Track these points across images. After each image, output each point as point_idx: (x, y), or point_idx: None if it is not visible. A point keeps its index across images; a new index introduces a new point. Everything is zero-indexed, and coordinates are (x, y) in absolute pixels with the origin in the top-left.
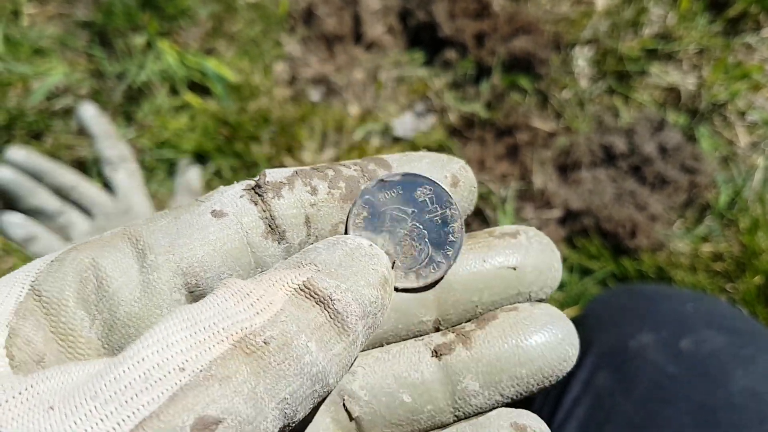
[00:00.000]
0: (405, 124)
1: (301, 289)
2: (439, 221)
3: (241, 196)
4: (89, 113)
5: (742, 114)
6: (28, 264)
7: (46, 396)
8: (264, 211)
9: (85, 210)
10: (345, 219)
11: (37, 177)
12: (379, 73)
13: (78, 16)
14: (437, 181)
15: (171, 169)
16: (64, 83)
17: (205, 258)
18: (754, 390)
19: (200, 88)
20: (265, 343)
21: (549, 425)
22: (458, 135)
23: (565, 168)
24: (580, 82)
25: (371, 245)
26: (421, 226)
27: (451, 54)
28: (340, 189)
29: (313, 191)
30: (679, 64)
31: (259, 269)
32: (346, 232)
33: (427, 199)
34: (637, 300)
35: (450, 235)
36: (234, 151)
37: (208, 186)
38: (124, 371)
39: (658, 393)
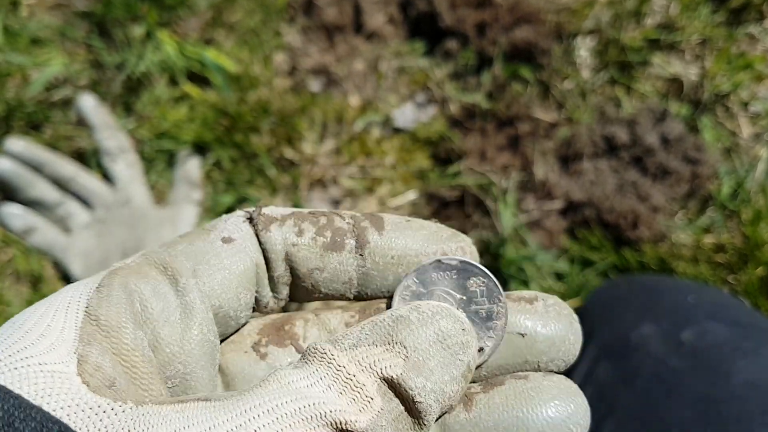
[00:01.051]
0: (405, 114)
1: (390, 384)
2: (484, 315)
3: (243, 222)
4: (88, 104)
5: (745, 105)
6: (68, 288)
7: None
8: (259, 240)
9: (84, 201)
10: (322, 266)
11: (36, 168)
12: (380, 63)
13: (77, 6)
14: (491, 276)
15: (170, 159)
16: (63, 74)
17: (224, 281)
18: (757, 382)
19: (200, 79)
20: None
21: None
22: (459, 126)
23: (567, 159)
24: (582, 73)
25: (464, 329)
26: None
27: (452, 44)
28: (324, 237)
29: (299, 233)
30: (681, 55)
31: (266, 288)
32: (390, 302)
33: (477, 290)
34: (638, 291)
35: (491, 331)
36: (234, 142)
37: (208, 177)
38: None
39: (659, 385)
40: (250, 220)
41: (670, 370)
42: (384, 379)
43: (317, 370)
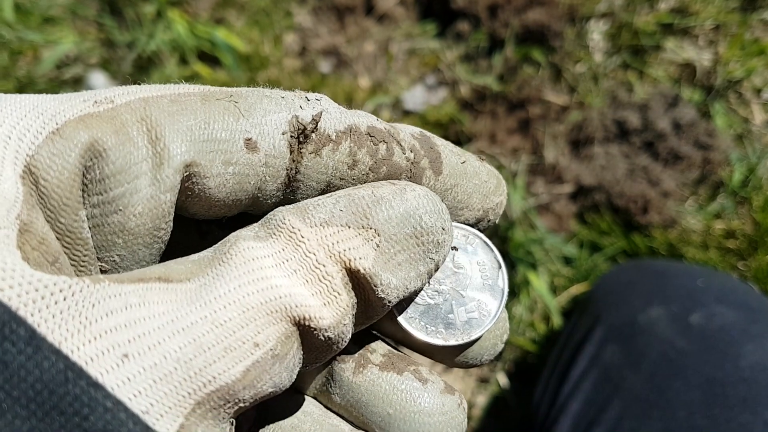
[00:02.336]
0: (415, 97)
1: (357, 277)
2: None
3: (283, 133)
4: (99, 82)
5: (758, 91)
6: (12, 117)
7: (115, 337)
8: (293, 162)
9: None
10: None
11: None
12: (390, 44)
13: None
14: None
15: None
16: (74, 52)
17: (219, 178)
18: (764, 365)
19: (210, 58)
20: (323, 339)
21: (555, 398)
22: (469, 108)
23: (578, 143)
24: (595, 56)
25: (443, 229)
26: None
27: (463, 26)
28: (377, 174)
29: (352, 165)
30: (694, 40)
31: (258, 203)
32: None
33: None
34: (647, 275)
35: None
36: None
37: None
38: (203, 333)
39: (666, 367)
40: (301, 136)
41: (677, 352)
42: (350, 270)
43: (284, 250)
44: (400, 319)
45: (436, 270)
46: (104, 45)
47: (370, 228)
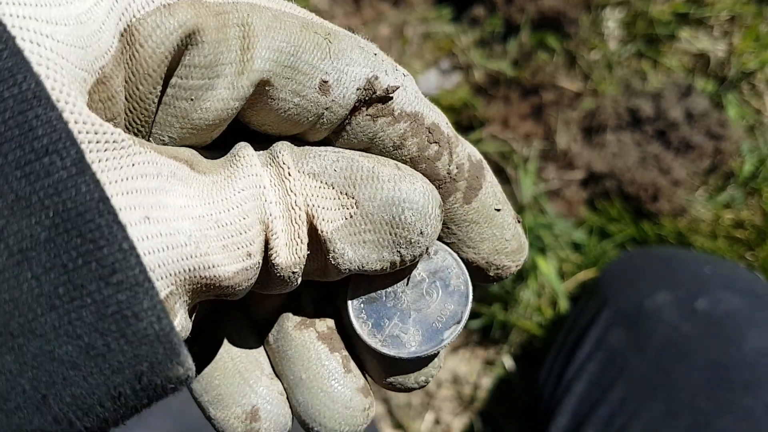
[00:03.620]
0: (429, 81)
1: (316, 236)
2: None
3: (357, 89)
4: None
5: None
6: None
7: (143, 198)
8: (350, 116)
9: None
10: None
11: None
12: (405, 28)
13: None
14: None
15: None
16: None
17: (282, 103)
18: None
19: None
20: (274, 272)
21: (560, 379)
22: (483, 93)
23: (590, 130)
24: (609, 44)
25: (422, 233)
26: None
27: (479, 11)
28: (414, 167)
29: (397, 147)
30: (709, 30)
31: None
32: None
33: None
34: (654, 261)
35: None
36: None
37: None
38: (209, 227)
39: (671, 351)
40: (374, 98)
41: (682, 336)
42: (312, 227)
43: (272, 183)
44: (349, 302)
45: (402, 264)
46: None
47: (352, 197)
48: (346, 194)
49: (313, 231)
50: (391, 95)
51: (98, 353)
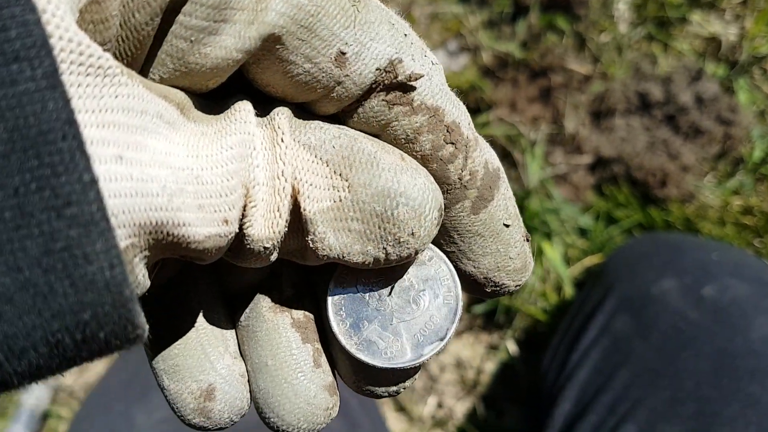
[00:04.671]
0: None
1: (298, 213)
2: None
3: (377, 68)
4: None
5: None
6: None
7: (121, 135)
8: (365, 97)
9: None
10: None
11: None
12: (413, 9)
13: None
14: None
15: None
16: None
17: (292, 67)
18: None
19: None
20: (245, 245)
21: (564, 365)
22: (491, 75)
23: (599, 114)
24: (620, 27)
25: (412, 234)
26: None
27: None
28: (424, 163)
29: (410, 140)
30: (721, 14)
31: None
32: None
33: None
34: (661, 247)
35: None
36: None
37: None
38: (187, 182)
39: (676, 338)
40: (398, 86)
41: (688, 323)
42: (296, 203)
43: (264, 148)
44: (329, 297)
45: (387, 263)
46: None
47: (345, 180)
48: (340, 175)
49: (297, 207)
50: (413, 84)
51: (38, 291)
